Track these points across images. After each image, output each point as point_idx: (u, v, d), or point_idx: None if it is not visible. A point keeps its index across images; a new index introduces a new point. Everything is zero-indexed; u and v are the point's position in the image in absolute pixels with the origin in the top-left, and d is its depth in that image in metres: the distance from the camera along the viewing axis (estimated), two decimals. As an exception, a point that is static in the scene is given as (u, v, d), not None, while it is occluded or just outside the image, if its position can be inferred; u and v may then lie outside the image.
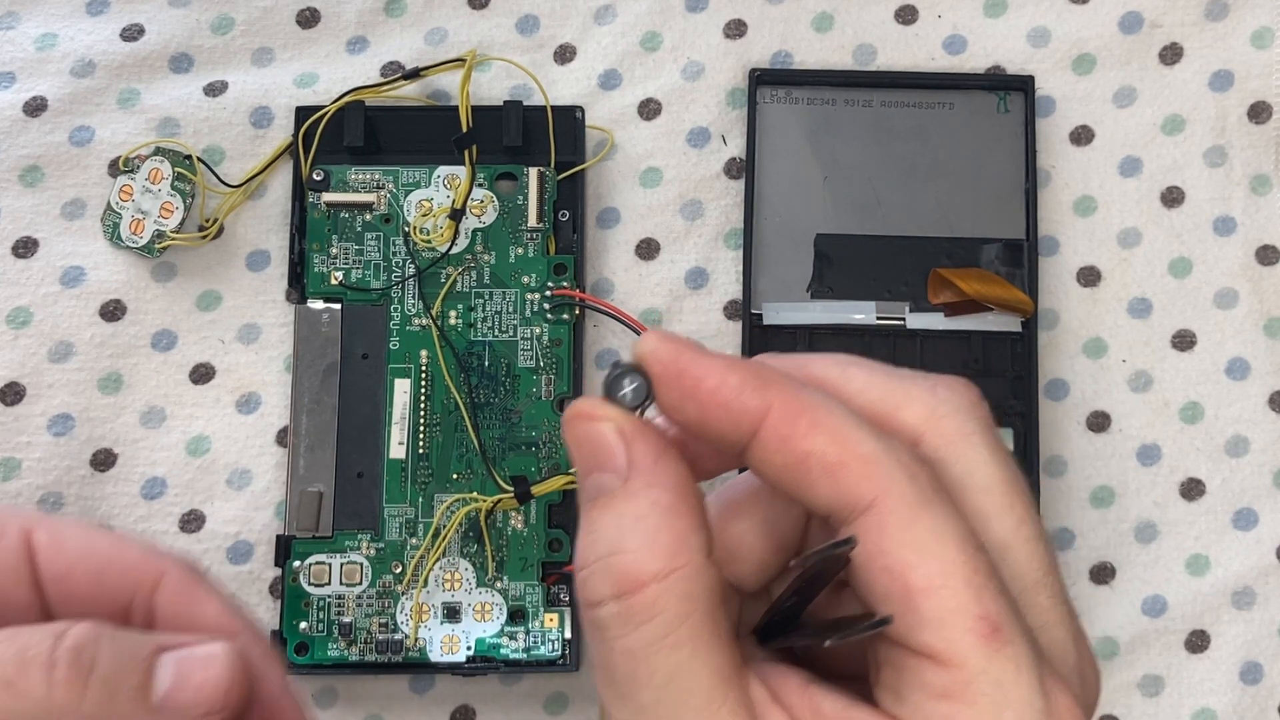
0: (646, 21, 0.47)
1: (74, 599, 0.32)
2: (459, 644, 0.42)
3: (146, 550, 0.33)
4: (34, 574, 0.32)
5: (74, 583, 0.32)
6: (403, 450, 0.44)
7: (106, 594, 0.32)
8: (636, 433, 0.26)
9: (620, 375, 0.25)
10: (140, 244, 0.45)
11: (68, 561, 0.32)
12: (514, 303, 0.45)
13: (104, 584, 0.32)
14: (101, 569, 0.32)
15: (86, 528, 0.33)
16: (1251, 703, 0.44)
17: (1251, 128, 0.47)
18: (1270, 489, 0.45)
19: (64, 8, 0.47)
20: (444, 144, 0.45)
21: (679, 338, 0.26)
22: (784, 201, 0.46)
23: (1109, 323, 0.46)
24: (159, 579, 0.32)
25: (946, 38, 0.47)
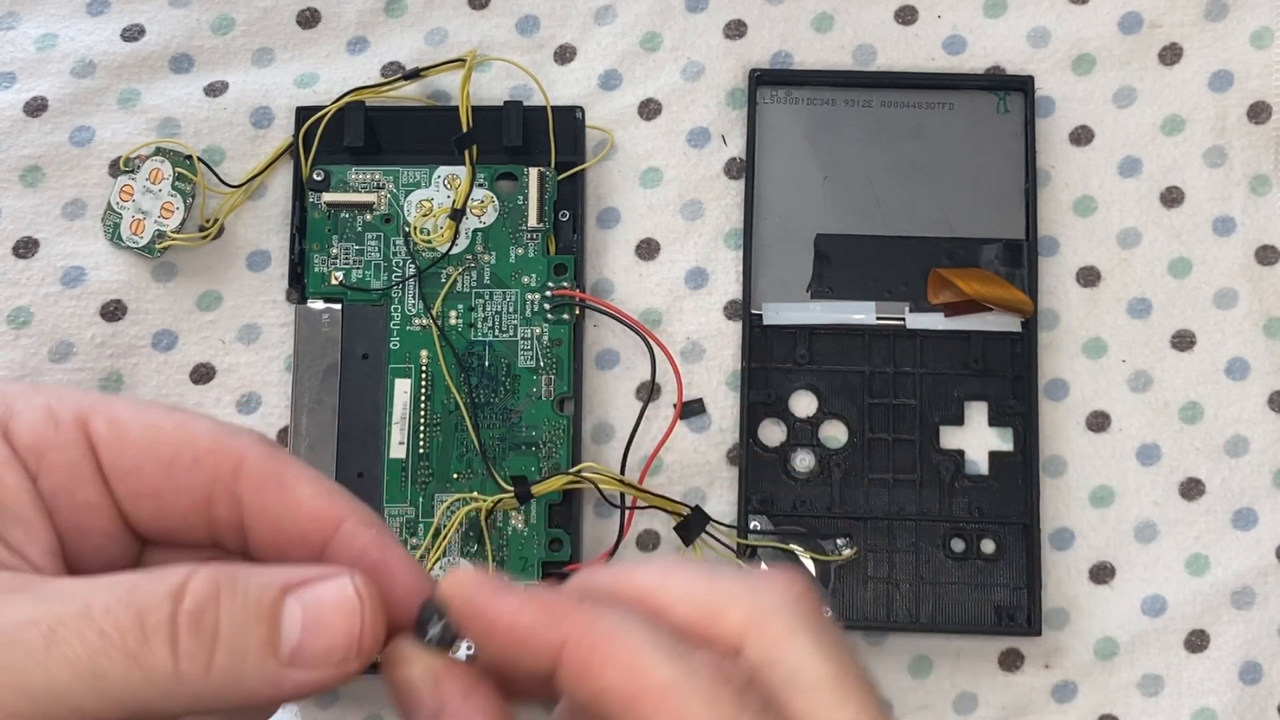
0: (646, 22, 0.47)
1: (146, 496, 0.28)
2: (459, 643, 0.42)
3: (218, 431, 0.29)
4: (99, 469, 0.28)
5: (144, 479, 0.28)
6: (403, 450, 0.44)
7: (182, 489, 0.28)
8: (443, 674, 0.27)
9: (429, 616, 0.26)
10: (141, 244, 0.45)
11: (134, 455, 0.28)
12: (514, 303, 0.45)
13: (177, 478, 0.28)
14: (172, 460, 0.28)
15: (148, 409, 0.29)
16: (1251, 702, 0.44)
17: (1251, 128, 0.47)
18: (1270, 489, 0.45)
19: (64, 8, 0.47)
20: (444, 144, 0.45)
21: (481, 576, 0.26)
22: (784, 201, 0.46)
23: (1109, 323, 0.46)
24: (238, 465, 0.28)
25: (946, 38, 0.47)
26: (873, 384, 0.45)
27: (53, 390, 0.29)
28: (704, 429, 0.45)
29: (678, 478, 0.45)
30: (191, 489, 0.28)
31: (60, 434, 0.28)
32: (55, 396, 0.29)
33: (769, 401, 0.44)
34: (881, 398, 0.44)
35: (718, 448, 0.45)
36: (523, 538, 0.43)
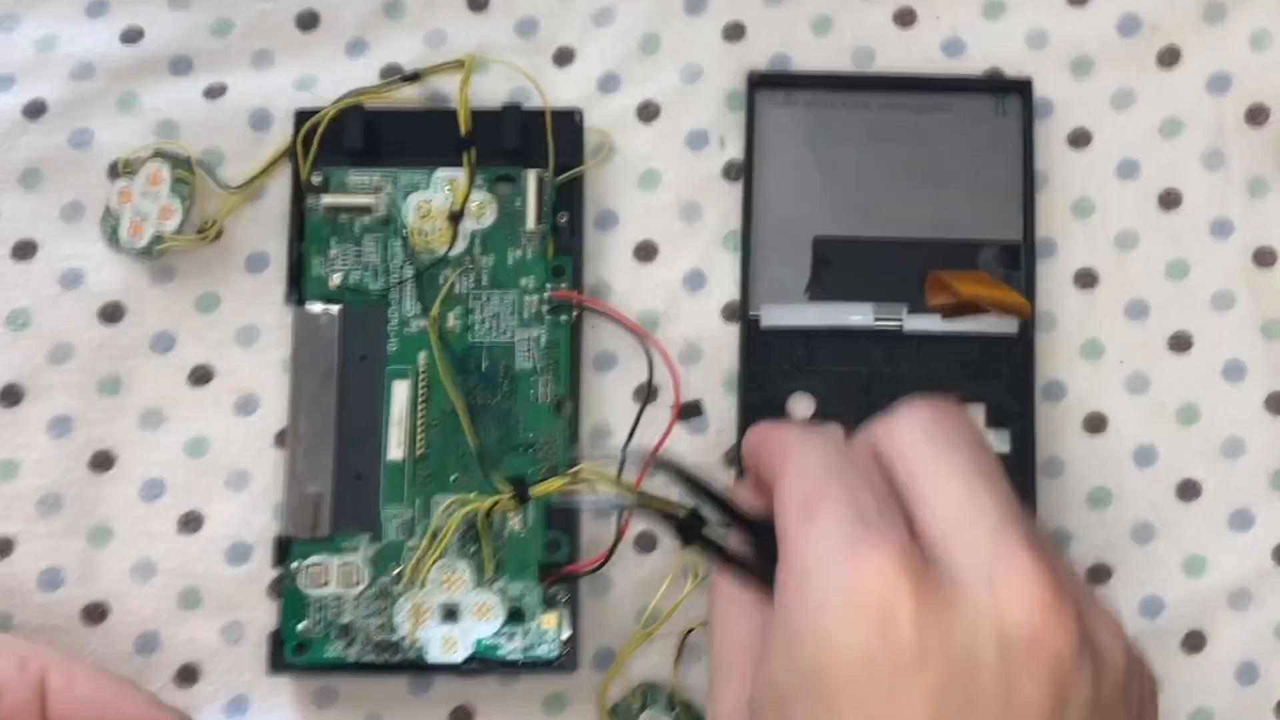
0: (645, 24, 0.47)
1: None
2: (457, 644, 0.43)
3: (146, 702, 0.38)
4: (42, 712, 0.36)
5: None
6: (401, 452, 0.44)
7: None
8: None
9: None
10: (139, 246, 0.45)
11: (73, 705, 0.36)
12: (512, 305, 0.45)
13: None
14: (101, 716, 0.37)
15: (98, 676, 0.38)
16: (1249, 703, 0.44)
17: (1249, 130, 0.47)
18: (1267, 490, 0.45)
19: (63, 10, 0.47)
20: (443, 147, 0.45)
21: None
22: (782, 204, 0.46)
23: (1106, 325, 0.46)
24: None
25: (945, 40, 0.47)
26: (871, 386, 0.45)
27: (28, 645, 0.39)
28: (702, 431, 0.45)
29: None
30: None
31: (23, 677, 0.36)
32: (30, 650, 0.38)
33: (767, 404, 0.45)
34: (880, 399, 0.44)
35: (715, 449, 0.45)
36: (521, 539, 0.43)
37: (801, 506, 0.31)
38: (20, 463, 0.44)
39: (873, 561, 0.29)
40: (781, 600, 0.30)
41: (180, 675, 0.44)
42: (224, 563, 0.44)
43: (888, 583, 0.28)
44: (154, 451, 0.45)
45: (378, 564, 0.43)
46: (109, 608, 0.44)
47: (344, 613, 0.43)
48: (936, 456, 0.31)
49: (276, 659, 0.43)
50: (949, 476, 0.31)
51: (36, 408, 0.45)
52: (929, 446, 0.32)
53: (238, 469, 0.45)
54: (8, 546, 0.44)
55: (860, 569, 0.29)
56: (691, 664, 0.44)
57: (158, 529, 0.44)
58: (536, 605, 0.43)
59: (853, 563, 0.29)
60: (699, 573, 0.44)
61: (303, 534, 0.43)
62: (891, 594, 0.28)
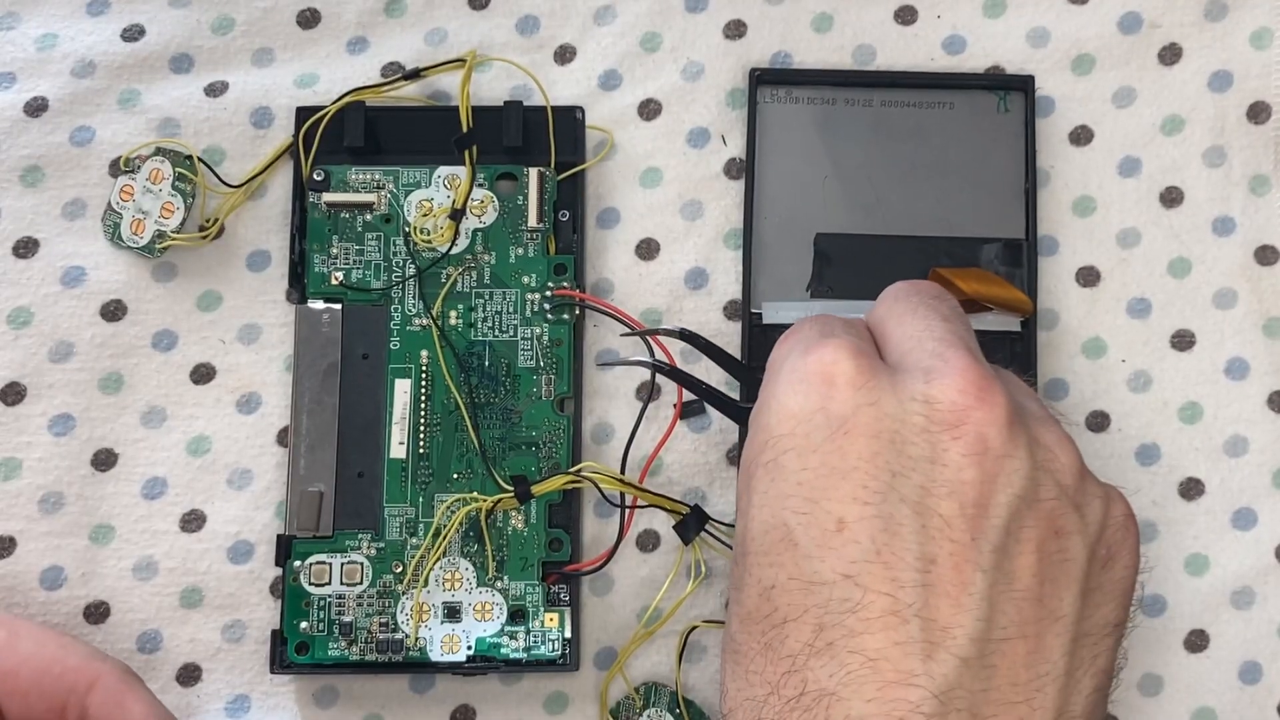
0: (646, 22, 0.47)
1: (16, 694, 0.38)
2: (459, 643, 0.43)
3: (88, 654, 0.39)
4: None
5: (19, 680, 0.38)
6: (403, 450, 0.44)
7: (45, 692, 0.38)
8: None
9: None
10: (141, 244, 0.45)
11: (17, 660, 0.38)
12: (514, 303, 0.45)
13: (44, 683, 0.38)
14: (45, 669, 0.38)
15: (41, 629, 0.40)
16: (1250, 702, 0.44)
17: (1250, 128, 0.47)
18: (1269, 489, 0.45)
19: (64, 8, 0.47)
20: (444, 144, 0.45)
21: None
22: (784, 201, 0.46)
23: (1108, 323, 0.46)
24: (94, 682, 0.38)
25: (946, 38, 0.47)
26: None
27: None
28: (704, 429, 0.45)
29: (678, 477, 0.45)
30: (52, 695, 0.38)
31: None
32: None
33: (769, 401, 0.44)
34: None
35: (718, 448, 0.45)
36: (523, 538, 0.43)
37: (784, 335, 0.37)
38: (22, 461, 0.44)
39: (823, 349, 0.34)
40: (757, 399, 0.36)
41: (182, 674, 0.44)
42: (226, 561, 0.44)
43: (829, 363, 0.33)
44: (156, 450, 0.45)
45: (379, 563, 0.43)
46: (110, 606, 0.44)
47: (346, 612, 0.43)
48: (901, 306, 0.36)
49: (278, 658, 0.43)
50: (909, 315, 0.36)
51: (38, 406, 0.45)
52: (896, 301, 0.37)
53: (239, 467, 0.45)
54: (10, 545, 0.44)
55: (810, 354, 0.34)
56: (693, 663, 0.44)
57: (159, 528, 0.44)
58: (538, 604, 0.43)
59: (807, 353, 0.34)
60: (700, 571, 0.44)
61: (304, 533, 0.43)
62: (832, 371, 0.33)
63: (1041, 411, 0.35)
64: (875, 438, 0.32)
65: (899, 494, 0.32)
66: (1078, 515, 0.33)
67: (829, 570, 0.31)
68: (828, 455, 0.32)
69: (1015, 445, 0.32)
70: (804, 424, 0.33)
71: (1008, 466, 0.32)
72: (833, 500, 0.32)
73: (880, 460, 0.32)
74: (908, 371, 0.34)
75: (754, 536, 0.33)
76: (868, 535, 0.31)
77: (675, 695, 0.43)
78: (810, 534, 0.32)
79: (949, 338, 0.34)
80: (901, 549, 0.31)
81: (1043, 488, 0.33)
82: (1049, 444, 0.33)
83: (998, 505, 0.32)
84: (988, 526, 0.32)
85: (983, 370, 0.33)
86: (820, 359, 0.33)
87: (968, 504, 0.32)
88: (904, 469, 0.32)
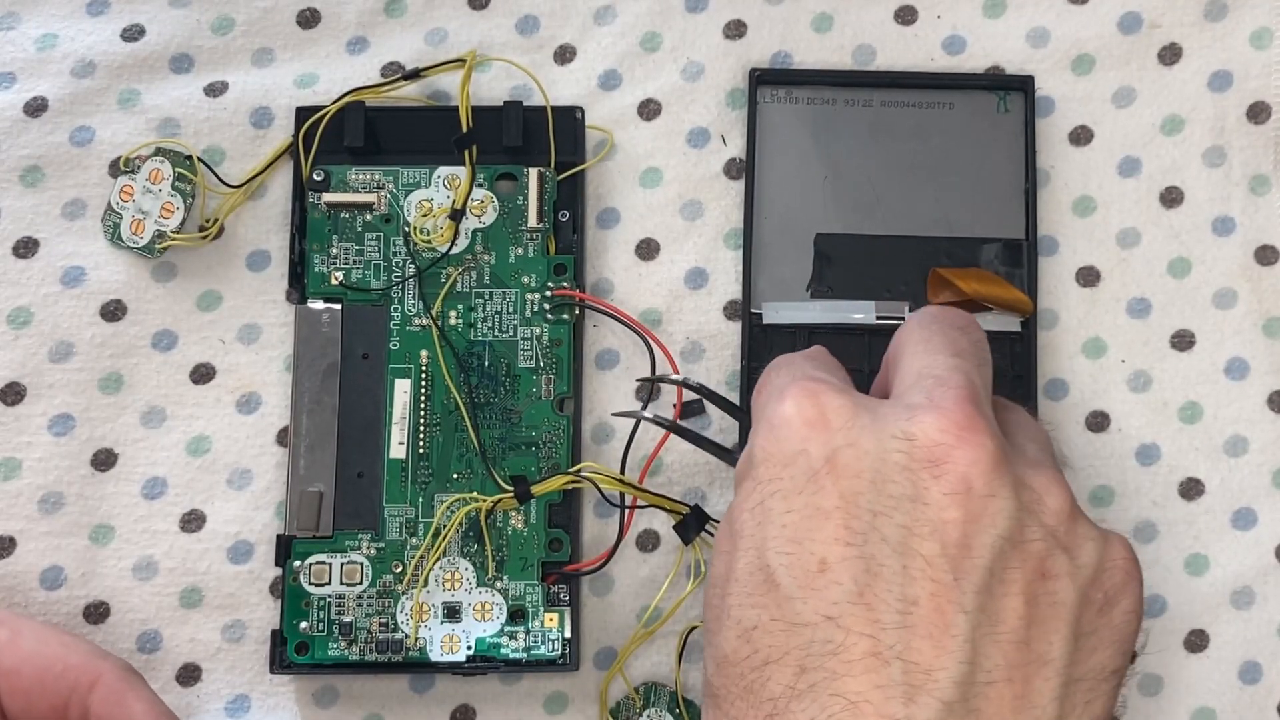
0: (646, 22, 0.47)
1: (18, 692, 0.38)
2: (459, 643, 0.43)
3: (90, 652, 0.39)
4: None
5: (21, 678, 0.38)
6: (403, 450, 0.44)
7: (47, 690, 0.38)
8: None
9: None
10: (141, 244, 0.45)
11: (20, 658, 0.38)
12: (514, 303, 0.45)
13: (45, 682, 0.38)
14: (46, 668, 0.38)
15: (45, 629, 0.40)
16: (1250, 702, 0.44)
17: (1250, 128, 0.47)
18: (1269, 489, 0.45)
19: (64, 8, 0.47)
20: (444, 144, 0.45)
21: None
22: (784, 201, 0.46)
23: (1108, 323, 0.46)
24: (96, 680, 0.38)
25: (946, 38, 0.47)
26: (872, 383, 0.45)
27: None
28: (704, 429, 0.45)
29: (678, 477, 0.45)
30: (54, 693, 0.38)
31: None
32: None
33: (769, 401, 0.44)
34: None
35: (717, 448, 0.45)
36: (522, 538, 0.43)
37: (760, 382, 0.37)
38: (22, 461, 0.44)
39: (799, 391, 0.34)
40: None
41: (182, 674, 0.44)
42: (225, 561, 0.44)
43: (806, 405, 0.33)
44: (155, 450, 0.45)
45: (379, 563, 0.43)
46: (110, 606, 0.44)
47: (345, 612, 0.43)
48: (917, 335, 0.36)
49: (278, 658, 0.43)
50: (920, 347, 0.36)
51: (38, 406, 0.45)
52: (917, 329, 0.37)
53: (239, 467, 0.45)
54: (9, 545, 0.44)
55: (785, 399, 0.34)
56: (693, 663, 0.44)
57: (159, 528, 0.44)
58: (538, 604, 0.43)
59: (783, 397, 0.34)
60: (700, 571, 0.44)
61: (304, 533, 0.43)
62: (810, 413, 0.33)
63: (1040, 455, 0.35)
64: (856, 477, 0.32)
65: (880, 534, 0.31)
66: (1067, 558, 0.32)
67: (811, 611, 0.31)
68: (811, 496, 0.32)
69: (999, 486, 0.32)
70: (787, 467, 0.33)
71: (991, 507, 0.32)
72: (815, 541, 0.32)
73: (862, 500, 0.32)
74: (893, 408, 0.33)
75: (737, 578, 0.33)
76: (849, 576, 0.31)
77: (675, 695, 0.43)
78: (793, 575, 0.32)
79: (949, 376, 0.34)
80: (883, 590, 0.31)
81: (1028, 529, 0.32)
82: (1036, 486, 0.33)
83: (981, 546, 0.31)
84: (971, 567, 0.31)
85: (969, 410, 0.33)
86: (795, 402, 0.33)
87: (950, 544, 0.31)
88: (885, 509, 0.32)
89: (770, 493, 0.33)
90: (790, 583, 0.32)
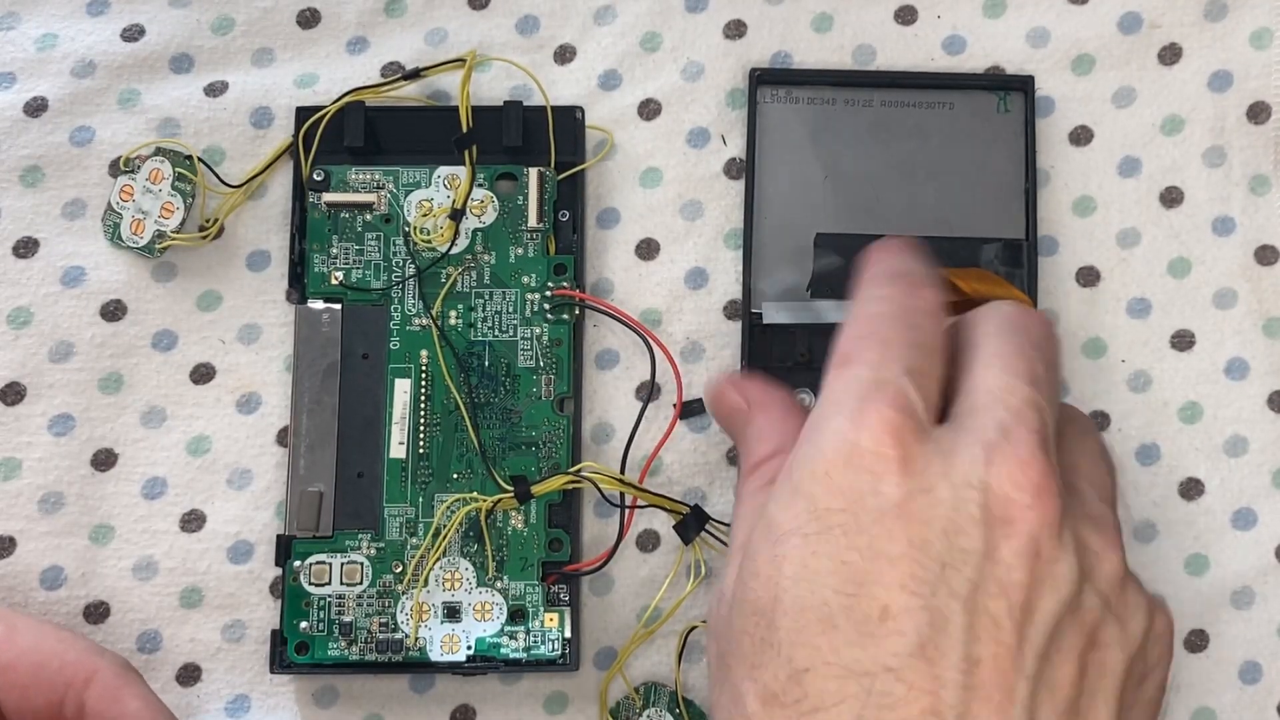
0: (646, 22, 0.47)
1: (14, 688, 0.37)
2: (459, 643, 0.43)
3: (86, 649, 0.39)
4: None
5: (17, 673, 0.38)
6: (403, 450, 0.44)
7: (43, 686, 0.38)
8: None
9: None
10: (141, 244, 0.45)
11: (15, 654, 0.38)
12: (514, 303, 0.45)
13: (41, 677, 0.38)
14: (43, 663, 0.38)
15: (41, 625, 0.39)
16: (1250, 702, 0.44)
17: (1250, 128, 0.47)
18: (1269, 489, 0.45)
19: (64, 8, 0.47)
20: (444, 144, 0.45)
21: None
22: (784, 201, 0.46)
23: (1108, 323, 0.46)
24: (92, 676, 0.38)
25: (946, 38, 0.47)
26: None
27: None
28: (704, 429, 0.45)
29: (678, 477, 0.45)
30: (50, 688, 0.38)
31: None
32: None
33: (769, 401, 0.44)
34: (881, 398, 0.44)
35: (718, 448, 0.45)
36: (522, 538, 0.43)
37: (839, 358, 0.34)
38: (22, 461, 0.44)
39: (877, 422, 0.32)
40: (797, 444, 0.34)
41: (181, 674, 0.44)
42: (225, 561, 0.44)
43: (881, 441, 0.31)
44: (155, 450, 0.45)
45: (379, 563, 0.43)
46: (110, 606, 0.44)
47: (345, 612, 0.43)
48: (1000, 342, 0.34)
49: (278, 658, 0.43)
50: (998, 361, 0.34)
51: (38, 406, 0.45)
52: (999, 331, 0.35)
53: (239, 467, 0.45)
54: (9, 545, 0.44)
55: (861, 423, 0.32)
56: (693, 663, 0.44)
57: (159, 528, 0.44)
58: (538, 604, 0.43)
59: (857, 417, 0.32)
60: (700, 572, 0.44)
61: (304, 533, 0.43)
62: (885, 451, 0.31)
63: (1099, 508, 0.34)
64: (927, 524, 0.31)
65: (949, 587, 0.30)
66: (1119, 627, 0.32)
67: (870, 660, 0.30)
68: (876, 538, 0.31)
69: (1063, 549, 0.31)
70: (854, 502, 0.31)
71: (1055, 571, 0.31)
72: (879, 586, 0.30)
73: (932, 550, 0.30)
74: (966, 442, 0.32)
75: (787, 611, 0.31)
76: (913, 628, 0.30)
77: (675, 695, 0.43)
78: (853, 619, 0.30)
79: (1025, 412, 0.32)
80: (947, 646, 0.30)
81: (1085, 595, 0.31)
82: (1096, 549, 0.32)
83: (1044, 611, 0.31)
84: (1033, 632, 0.30)
85: (1043, 464, 0.31)
86: (873, 437, 0.31)
87: (1015, 606, 0.30)
88: (955, 561, 0.30)
89: (829, 525, 0.31)
90: (849, 627, 0.30)
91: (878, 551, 0.31)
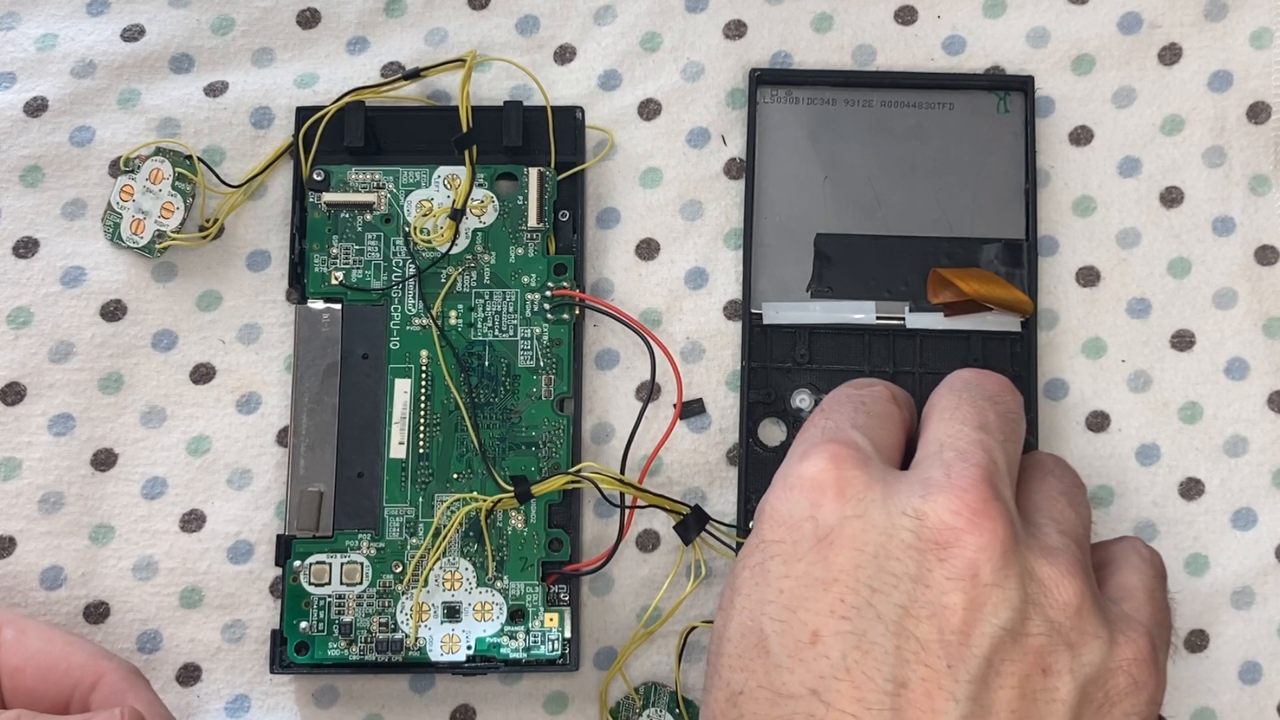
0: (646, 22, 0.47)
1: (22, 690, 0.38)
2: (459, 643, 0.43)
3: (93, 653, 0.39)
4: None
5: (25, 676, 0.38)
6: (403, 450, 0.44)
7: (50, 688, 0.38)
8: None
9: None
10: (141, 244, 0.45)
11: (24, 657, 0.38)
12: (514, 303, 0.45)
13: (49, 680, 0.38)
14: (50, 666, 0.38)
15: (50, 630, 0.40)
16: (1250, 702, 0.44)
17: (1250, 128, 0.47)
18: (1269, 489, 0.45)
19: (64, 8, 0.47)
20: (444, 144, 0.45)
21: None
22: (784, 201, 0.46)
23: (1108, 323, 0.46)
24: (98, 680, 0.38)
25: (946, 38, 0.47)
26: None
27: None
28: (704, 429, 0.45)
29: (678, 477, 0.45)
30: (56, 692, 0.38)
31: None
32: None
33: (769, 401, 0.45)
34: (881, 398, 0.44)
35: (718, 448, 0.45)
36: (522, 538, 0.43)
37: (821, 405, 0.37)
38: (22, 461, 0.44)
39: (819, 455, 0.33)
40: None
41: (181, 674, 0.44)
42: (225, 561, 0.44)
43: (821, 470, 0.33)
44: (155, 450, 0.45)
45: (379, 563, 0.43)
46: (110, 606, 0.44)
47: (345, 612, 0.43)
48: (947, 401, 0.36)
49: (278, 658, 0.43)
50: (947, 414, 0.36)
51: (38, 406, 0.45)
52: (949, 392, 0.37)
53: (239, 467, 0.45)
54: (9, 545, 0.44)
55: (805, 460, 0.34)
56: (693, 663, 0.44)
57: (159, 528, 0.44)
58: (538, 604, 0.43)
59: (804, 457, 0.34)
60: (700, 572, 0.44)
61: (304, 533, 0.43)
62: (822, 479, 0.33)
63: (1059, 541, 0.34)
64: (859, 550, 0.32)
65: (876, 610, 0.31)
66: (1070, 654, 0.32)
67: (797, 683, 0.31)
68: (811, 565, 0.32)
69: (1006, 576, 0.31)
70: (792, 531, 0.33)
71: (995, 596, 0.31)
72: (810, 611, 0.31)
73: (861, 574, 0.31)
74: (909, 481, 0.33)
75: (730, 638, 0.33)
76: (839, 651, 0.31)
77: (675, 695, 0.43)
78: (784, 643, 0.31)
79: (970, 451, 0.34)
80: (872, 669, 0.30)
81: (1031, 622, 0.32)
82: (1045, 578, 0.32)
83: (980, 635, 0.31)
84: (967, 655, 0.31)
85: (985, 492, 0.32)
86: (814, 465, 0.33)
87: (948, 630, 0.31)
88: (885, 585, 0.31)
89: (771, 555, 0.33)
90: (780, 651, 0.31)
91: (812, 578, 0.32)
